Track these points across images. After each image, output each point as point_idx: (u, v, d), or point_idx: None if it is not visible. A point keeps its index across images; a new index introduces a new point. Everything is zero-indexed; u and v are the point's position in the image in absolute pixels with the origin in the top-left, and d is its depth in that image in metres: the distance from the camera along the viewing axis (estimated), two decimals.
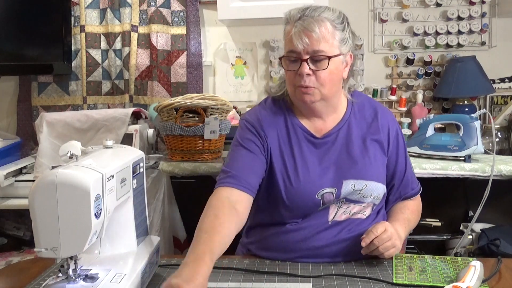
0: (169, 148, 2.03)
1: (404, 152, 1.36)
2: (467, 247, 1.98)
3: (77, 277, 0.93)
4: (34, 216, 0.84)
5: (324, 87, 1.23)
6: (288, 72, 1.25)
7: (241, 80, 2.60)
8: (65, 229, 0.84)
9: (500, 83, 2.39)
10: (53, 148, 2.13)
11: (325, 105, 1.28)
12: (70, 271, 0.92)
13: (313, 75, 1.21)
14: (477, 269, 1.04)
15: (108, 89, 2.57)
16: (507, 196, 1.99)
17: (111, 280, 0.94)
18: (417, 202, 1.40)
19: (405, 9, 2.45)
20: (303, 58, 1.20)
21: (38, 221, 0.83)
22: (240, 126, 1.35)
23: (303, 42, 1.19)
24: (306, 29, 1.19)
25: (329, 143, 1.29)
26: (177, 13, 2.54)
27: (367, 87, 2.50)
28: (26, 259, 1.68)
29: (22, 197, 2.11)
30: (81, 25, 2.52)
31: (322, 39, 1.19)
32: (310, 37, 1.19)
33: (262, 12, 2.30)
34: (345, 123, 1.31)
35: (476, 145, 1.89)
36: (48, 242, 0.84)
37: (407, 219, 1.29)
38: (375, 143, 1.30)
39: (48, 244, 0.84)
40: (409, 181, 1.36)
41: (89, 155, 0.99)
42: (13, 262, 1.98)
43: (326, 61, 1.20)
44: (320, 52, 1.20)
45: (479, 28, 2.39)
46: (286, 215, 1.26)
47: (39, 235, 0.84)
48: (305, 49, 1.19)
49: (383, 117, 1.34)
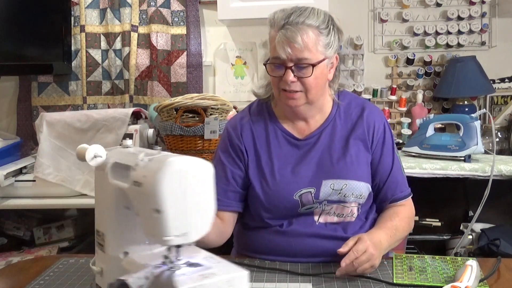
0: (169, 148, 2.03)
1: (391, 152, 1.33)
2: (467, 247, 1.98)
3: (182, 266, 0.91)
4: (163, 206, 0.82)
5: (310, 92, 1.24)
6: (272, 77, 1.25)
7: (241, 80, 2.60)
8: (193, 214, 0.85)
9: (500, 83, 2.39)
10: (53, 148, 2.13)
11: (309, 108, 1.29)
12: (176, 260, 0.90)
13: (298, 81, 1.22)
14: (474, 268, 1.04)
15: (108, 89, 2.57)
16: (507, 196, 1.99)
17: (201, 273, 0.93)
18: (408, 209, 1.34)
19: (405, 9, 2.45)
20: (287, 65, 1.20)
21: (169, 210, 0.82)
22: (222, 134, 1.41)
23: (286, 52, 1.19)
24: (288, 40, 1.18)
25: (311, 144, 1.30)
26: (177, 13, 2.54)
27: (367, 87, 2.50)
28: (26, 259, 1.68)
29: (22, 197, 2.11)
30: (81, 25, 2.52)
31: (305, 49, 1.18)
32: (293, 47, 1.18)
33: (262, 12, 2.28)
34: (329, 123, 1.31)
35: (476, 145, 1.89)
36: (178, 228, 0.84)
37: (394, 227, 1.24)
38: (358, 142, 1.30)
39: (179, 231, 0.84)
40: (398, 182, 1.32)
41: (139, 152, 0.96)
42: (13, 262, 1.99)
43: (310, 68, 1.20)
44: (304, 60, 1.19)
45: (479, 28, 2.39)
46: (268, 217, 1.28)
47: (169, 224, 0.83)
48: (288, 57, 1.19)
49: (369, 115, 1.32)
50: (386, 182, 1.31)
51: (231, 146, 1.33)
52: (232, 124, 1.37)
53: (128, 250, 0.98)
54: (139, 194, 0.86)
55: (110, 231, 1.00)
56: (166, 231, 0.83)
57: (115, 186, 0.95)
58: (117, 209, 0.98)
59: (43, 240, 2.38)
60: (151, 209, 0.83)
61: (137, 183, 0.86)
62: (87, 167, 2.13)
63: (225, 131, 1.37)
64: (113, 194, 0.97)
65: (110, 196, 0.98)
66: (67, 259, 1.30)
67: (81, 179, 2.12)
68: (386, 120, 1.37)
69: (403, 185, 1.34)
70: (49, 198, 2.10)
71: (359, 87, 2.46)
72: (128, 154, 0.96)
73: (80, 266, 1.24)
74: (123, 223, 0.98)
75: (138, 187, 0.86)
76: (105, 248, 1.00)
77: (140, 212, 0.89)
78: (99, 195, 1.04)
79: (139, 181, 0.86)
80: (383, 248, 1.17)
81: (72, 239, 2.39)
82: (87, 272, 1.19)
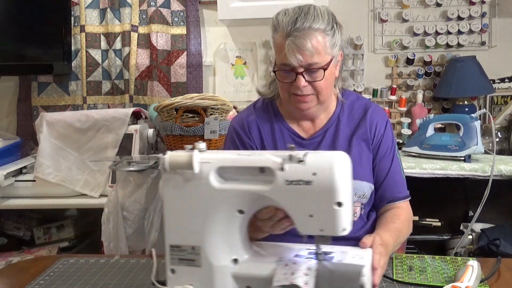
0: (169, 148, 2.02)
1: (391, 152, 1.32)
2: (467, 247, 1.98)
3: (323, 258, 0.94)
4: (343, 198, 0.86)
5: (321, 94, 1.24)
6: (282, 83, 1.25)
7: (241, 80, 2.60)
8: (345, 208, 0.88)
9: (500, 83, 2.39)
10: (53, 148, 2.13)
11: (319, 108, 1.29)
12: (319, 250, 0.94)
13: (309, 85, 1.22)
14: (475, 268, 1.04)
15: (108, 89, 2.57)
16: (507, 196, 1.99)
17: (353, 256, 0.95)
18: (407, 212, 1.33)
19: (405, 9, 2.45)
20: (298, 71, 1.20)
21: (347, 202, 0.87)
22: (228, 132, 1.39)
23: (297, 59, 1.18)
24: (299, 48, 1.17)
25: (316, 143, 1.30)
26: (177, 13, 2.54)
27: (367, 87, 2.50)
28: (26, 259, 1.68)
29: (22, 197, 2.11)
30: (81, 25, 2.52)
31: (315, 54, 1.18)
32: (304, 54, 1.17)
33: (262, 12, 2.30)
34: (333, 122, 1.32)
35: (476, 145, 1.88)
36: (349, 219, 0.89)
37: (398, 230, 1.23)
38: (361, 142, 1.30)
39: (344, 227, 0.88)
40: (396, 183, 1.31)
41: (260, 154, 0.97)
42: (13, 262, 1.99)
43: (321, 72, 1.20)
44: (315, 65, 1.19)
45: (479, 28, 2.39)
46: None
47: (348, 214, 0.87)
48: (300, 63, 1.19)
49: (372, 115, 1.32)
50: (384, 181, 1.30)
51: (240, 144, 1.32)
52: (239, 122, 1.36)
53: (237, 256, 0.94)
54: (305, 192, 0.87)
55: (213, 241, 0.93)
56: (345, 223, 0.87)
57: (228, 192, 0.92)
58: (228, 215, 0.93)
59: (43, 240, 2.38)
60: (332, 203, 0.86)
61: (299, 181, 0.88)
62: (87, 167, 2.15)
63: (232, 129, 1.37)
64: (222, 200, 0.92)
65: (215, 204, 0.92)
66: (67, 259, 1.29)
67: (81, 179, 2.13)
68: (389, 120, 1.38)
69: (402, 186, 1.33)
70: (49, 198, 2.10)
71: (359, 87, 2.46)
72: (240, 157, 0.94)
73: (80, 266, 1.24)
74: (233, 229, 0.95)
75: (306, 185, 0.87)
76: (201, 261, 0.93)
77: (301, 210, 0.89)
78: (184, 206, 0.95)
79: (304, 179, 0.88)
80: (390, 251, 1.17)
81: (72, 239, 2.39)
82: (87, 272, 1.19)
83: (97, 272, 1.19)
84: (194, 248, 0.94)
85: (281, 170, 0.89)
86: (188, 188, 0.94)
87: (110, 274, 1.18)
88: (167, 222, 0.96)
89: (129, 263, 1.25)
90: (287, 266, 0.91)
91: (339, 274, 0.89)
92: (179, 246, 0.95)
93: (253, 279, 0.93)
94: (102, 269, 1.21)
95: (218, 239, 0.94)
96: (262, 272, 0.92)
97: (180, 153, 0.93)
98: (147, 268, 1.21)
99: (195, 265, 0.94)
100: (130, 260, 1.27)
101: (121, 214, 1.89)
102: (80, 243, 2.41)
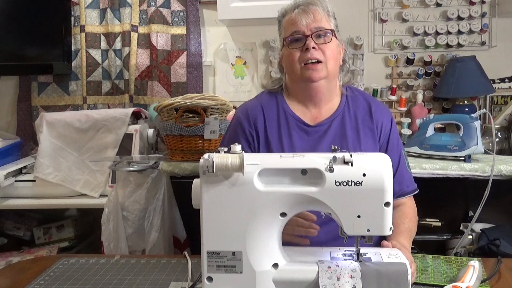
0: (169, 148, 2.02)
1: (397, 150, 1.34)
2: (467, 247, 1.97)
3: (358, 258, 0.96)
4: (390, 198, 0.90)
5: (330, 62, 1.28)
6: (292, 52, 1.29)
7: (241, 80, 2.60)
8: None
9: (500, 83, 2.39)
10: (53, 148, 2.13)
11: (327, 87, 1.31)
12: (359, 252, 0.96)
13: (319, 50, 1.27)
14: (476, 269, 1.04)
15: (108, 89, 2.57)
16: (507, 196, 1.99)
17: (388, 256, 0.96)
18: (413, 208, 1.36)
19: (405, 9, 2.45)
20: (307, 34, 1.26)
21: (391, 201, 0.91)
22: (231, 121, 1.41)
23: (308, 17, 1.26)
24: (305, 11, 1.27)
25: (321, 131, 1.31)
26: (177, 13, 2.54)
27: (367, 87, 2.49)
28: (26, 259, 1.68)
29: (22, 197, 2.11)
30: (81, 25, 2.52)
31: (321, 19, 1.27)
32: (315, 12, 1.27)
33: (262, 12, 2.30)
34: (339, 114, 1.34)
35: (476, 145, 1.88)
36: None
37: (408, 229, 1.26)
38: (368, 135, 1.32)
39: (391, 226, 0.92)
40: (404, 177, 1.34)
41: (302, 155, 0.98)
42: (13, 262, 1.99)
43: (330, 35, 1.28)
44: (322, 28, 1.27)
45: (479, 28, 2.39)
46: None
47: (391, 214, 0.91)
48: (308, 26, 1.26)
49: (377, 112, 1.35)
50: (394, 176, 1.32)
51: (242, 133, 1.34)
52: (243, 111, 1.38)
53: (277, 261, 0.93)
54: (355, 192, 0.89)
55: (254, 246, 0.92)
56: (391, 222, 0.90)
57: (272, 194, 0.91)
58: (270, 219, 0.92)
59: (43, 240, 2.38)
60: (382, 203, 0.89)
61: (349, 182, 0.90)
62: (87, 167, 2.15)
63: (236, 118, 1.39)
64: (266, 203, 0.91)
65: (259, 207, 0.91)
66: (67, 259, 1.29)
67: (81, 179, 2.13)
68: (393, 117, 1.40)
69: (409, 180, 1.37)
70: (49, 198, 2.10)
71: (359, 87, 2.46)
72: (283, 159, 0.93)
73: (80, 266, 1.24)
74: (273, 233, 0.94)
75: (355, 186, 0.89)
76: (242, 267, 0.91)
77: (350, 210, 0.90)
78: (225, 210, 0.92)
79: (354, 180, 0.89)
80: (410, 251, 1.18)
81: (72, 239, 2.39)
82: (87, 272, 1.19)
83: (97, 272, 1.19)
84: (234, 253, 0.91)
85: (330, 171, 0.89)
86: (231, 191, 0.91)
87: (110, 274, 1.18)
88: (205, 227, 0.92)
89: (129, 263, 1.25)
90: (329, 268, 0.90)
91: (386, 274, 0.89)
92: (218, 252, 0.92)
93: (296, 284, 0.91)
94: (102, 269, 1.21)
95: (259, 243, 0.92)
96: (306, 276, 0.91)
97: (227, 155, 0.90)
98: (147, 268, 1.21)
99: (236, 271, 0.91)
100: (130, 260, 1.27)
101: (121, 214, 1.89)
102: (80, 243, 2.41)
